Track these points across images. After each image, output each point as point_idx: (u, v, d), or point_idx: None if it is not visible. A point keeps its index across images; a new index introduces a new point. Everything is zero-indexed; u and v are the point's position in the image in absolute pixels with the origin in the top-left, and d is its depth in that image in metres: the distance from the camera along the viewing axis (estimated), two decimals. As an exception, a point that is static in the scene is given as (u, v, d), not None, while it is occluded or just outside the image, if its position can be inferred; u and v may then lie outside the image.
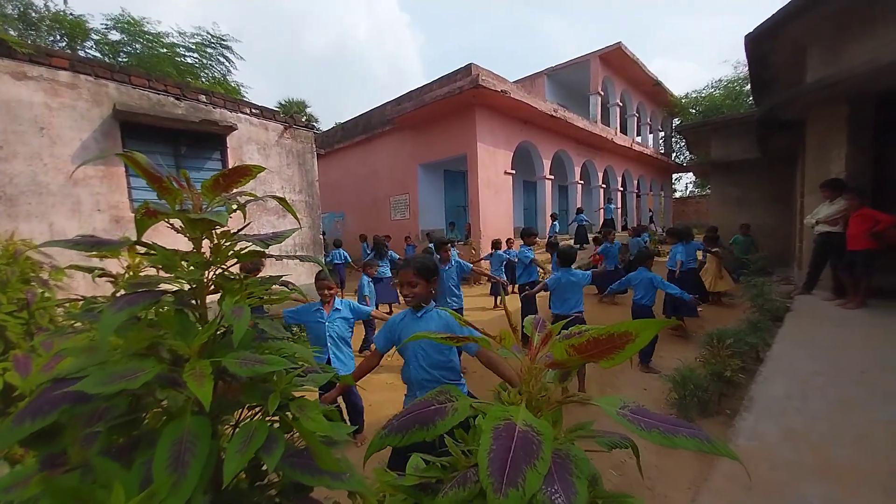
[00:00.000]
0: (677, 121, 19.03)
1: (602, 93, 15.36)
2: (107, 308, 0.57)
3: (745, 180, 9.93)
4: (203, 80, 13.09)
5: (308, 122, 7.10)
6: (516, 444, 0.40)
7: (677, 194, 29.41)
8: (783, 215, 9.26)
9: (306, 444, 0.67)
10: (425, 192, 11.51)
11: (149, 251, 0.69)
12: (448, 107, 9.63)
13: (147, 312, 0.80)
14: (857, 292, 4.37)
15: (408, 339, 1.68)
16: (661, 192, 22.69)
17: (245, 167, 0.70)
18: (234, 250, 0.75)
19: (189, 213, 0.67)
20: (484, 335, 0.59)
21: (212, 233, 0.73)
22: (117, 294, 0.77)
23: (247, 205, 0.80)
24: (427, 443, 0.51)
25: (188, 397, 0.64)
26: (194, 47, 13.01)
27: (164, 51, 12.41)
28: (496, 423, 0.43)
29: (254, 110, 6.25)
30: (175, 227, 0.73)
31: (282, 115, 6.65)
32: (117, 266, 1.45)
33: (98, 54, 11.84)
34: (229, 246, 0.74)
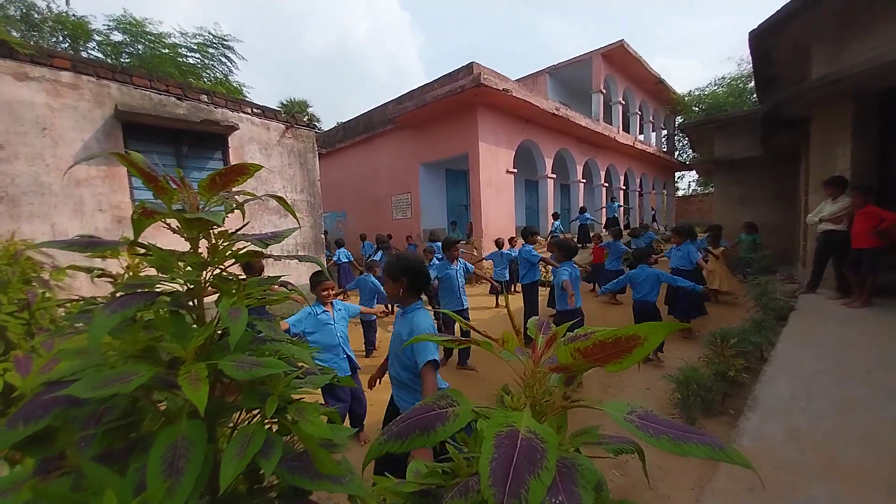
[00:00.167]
0: (680, 119, 18.94)
1: (604, 91, 15.29)
2: (100, 310, 0.55)
3: (748, 178, 9.88)
4: (205, 80, 13.12)
5: (309, 122, 7.09)
6: (519, 453, 0.38)
7: (680, 193, 29.32)
8: (786, 213, 9.21)
9: (306, 447, 0.66)
10: (427, 191, 11.49)
11: (145, 252, 0.68)
12: (449, 106, 9.60)
13: (145, 314, 0.79)
14: (863, 291, 4.33)
15: (410, 341, 1.70)
16: (664, 191, 22.59)
17: (243, 166, 0.69)
18: (231, 250, 0.74)
19: (185, 213, 0.65)
20: (486, 337, 0.57)
21: (209, 233, 0.72)
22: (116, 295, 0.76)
23: (245, 204, 0.79)
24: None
25: (185, 400, 0.63)
26: (196, 48, 13.03)
27: (166, 51, 12.44)
28: (499, 429, 0.41)
29: (255, 110, 6.25)
30: (172, 228, 0.71)
31: (283, 114, 6.64)
32: (118, 266, 1.44)
33: (100, 55, 11.88)
34: (227, 246, 0.73)
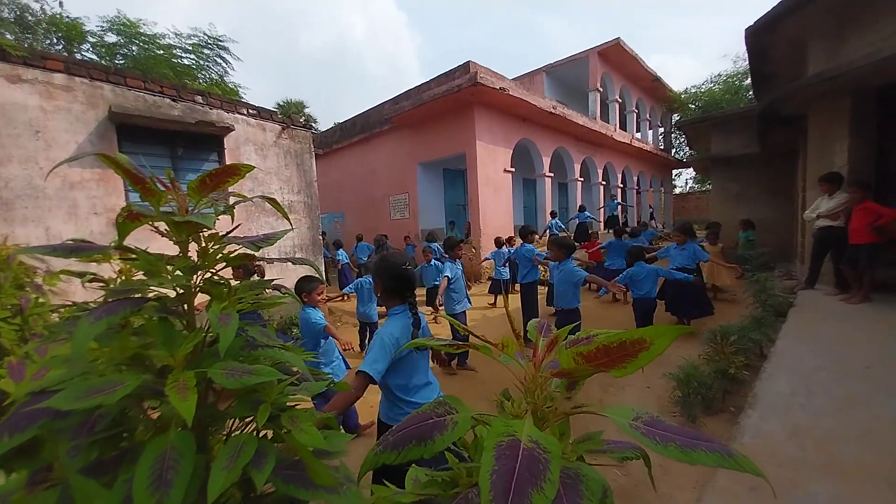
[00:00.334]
0: (677, 116, 18.96)
1: (601, 89, 15.29)
2: (84, 317, 0.53)
3: (745, 175, 9.89)
4: (200, 81, 13.07)
5: (306, 123, 7.06)
6: (521, 464, 0.36)
7: (677, 190, 29.37)
8: (784, 210, 9.23)
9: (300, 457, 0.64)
10: (425, 191, 11.47)
11: (132, 256, 0.66)
12: (446, 105, 9.58)
13: (136, 319, 0.77)
14: (861, 287, 4.34)
15: (408, 345, 1.68)
16: (661, 189, 22.63)
17: (234, 167, 0.67)
18: (222, 253, 0.72)
19: (173, 216, 0.63)
20: (485, 342, 0.56)
21: (199, 235, 0.70)
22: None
23: (235, 206, 0.77)
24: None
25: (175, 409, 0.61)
26: (191, 48, 12.98)
27: (161, 52, 12.39)
28: (499, 439, 0.39)
29: (251, 111, 6.21)
30: (160, 231, 0.69)
31: (280, 115, 6.60)
32: (111, 271, 1.42)
33: (94, 57, 11.82)
34: (218, 249, 0.71)
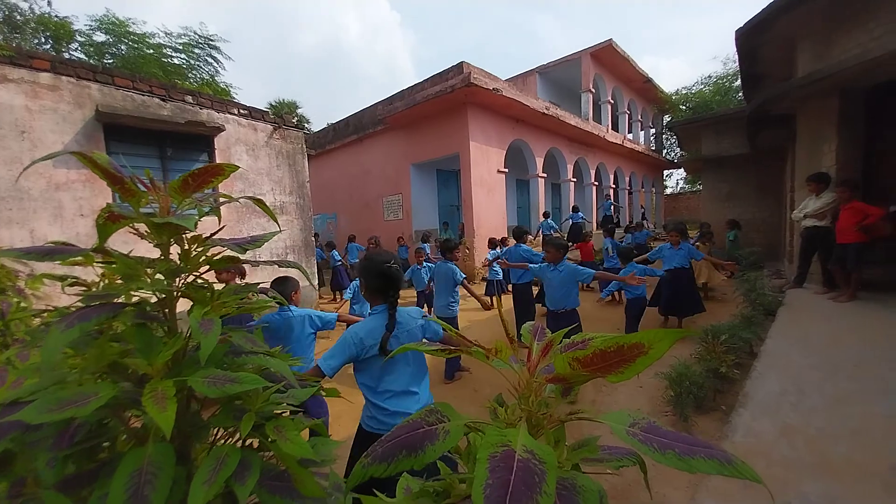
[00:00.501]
0: (668, 117, 19.15)
1: (593, 90, 15.39)
2: (54, 325, 0.51)
3: (735, 176, 10.02)
4: (191, 81, 12.93)
5: (299, 123, 7.01)
6: (516, 477, 0.35)
7: (668, 191, 29.65)
8: (773, 209, 9.36)
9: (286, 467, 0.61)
10: (418, 191, 11.44)
11: (109, 259, 0.63)
12: (440, 106, 9.57)
13: (117, 325, 0.75)
14: (848, 285, 4.39)
15: (400, 350, 1.66)
16: (653, 189, 22.84)
17: (217, 166, 0.64)
18: (206, 256, 0.69)
19: (153, 217, 0.61)
20: (478, 347, 0.54)
21: (182, 238, 0.67)
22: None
23: (221, 207, 0.75)
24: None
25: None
26: (181, 48, 12.85)
27: (151, 52, 12.24)
28: (493, 450, 0.38)
29: (242, 111, 6.14)
30: (140, 233, 0.67)
31: (271, 115, 6.55)
32: (94, 274, 1.37)
33: (83, 56, 11.65)
34: (201, 252, 0.68)
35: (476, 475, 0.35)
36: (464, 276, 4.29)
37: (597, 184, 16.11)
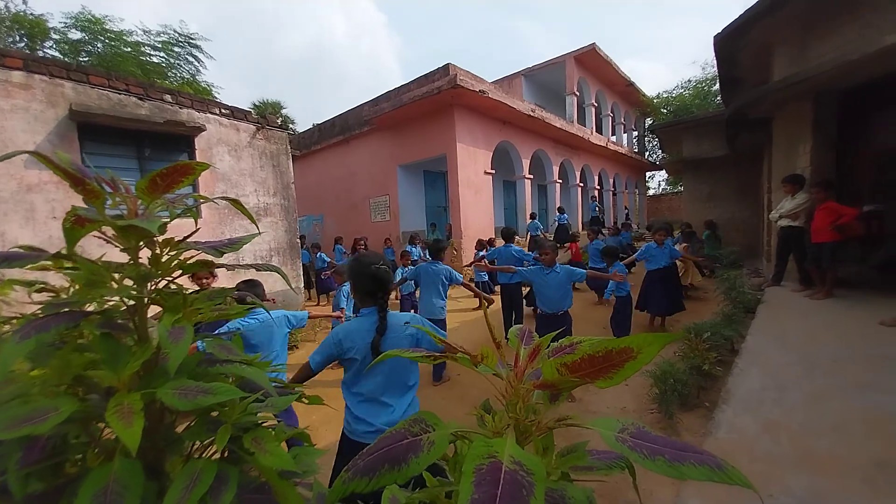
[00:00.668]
0: (650, 120, 19.52)
1: (577, 93, 15.60)
2: (10, 336, 0.47)
3: (715, 177, 10.25)
4: (171, 80, 12.64)
5: (283, 124, 6.90)
6: (503, 491, 0.33)
7: (650, 192, 30.19)
8: (751, 209, 9.61)
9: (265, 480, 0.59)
10: (405, 193, 11.39)
11: (70, 264, 0.59)
12: (426, 107, 9.55)
13: (80, 335, 0.70)
14: (824, 283, 4.52)
15: (381, 357, 1.64)
16: (636, 190, 23.25)
17: (187, 165, 0.61)
18: (179, 260, 0.66)
19: (118, 220, 0.57)
20: (464, 353, 0.52)
21: (153, 241, 0.64)
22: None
23: (197, 208, 0.72)
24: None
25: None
26: (161, 46, 12.56)
27: (129, 50, 11.94)
28: (479, 462, 0.36)
29: (224, 110, 6.01)
30: (105, 237, 0.63)
31: (254, 115, 6.43)
32: (64, 280, 1.31)
33: (58, 54, 11.28)
34: (174, 256, 0.65)
35: (461, 489, 0.33)
36: (461, 276, 4.31)
37: (582, 185, 16.32)
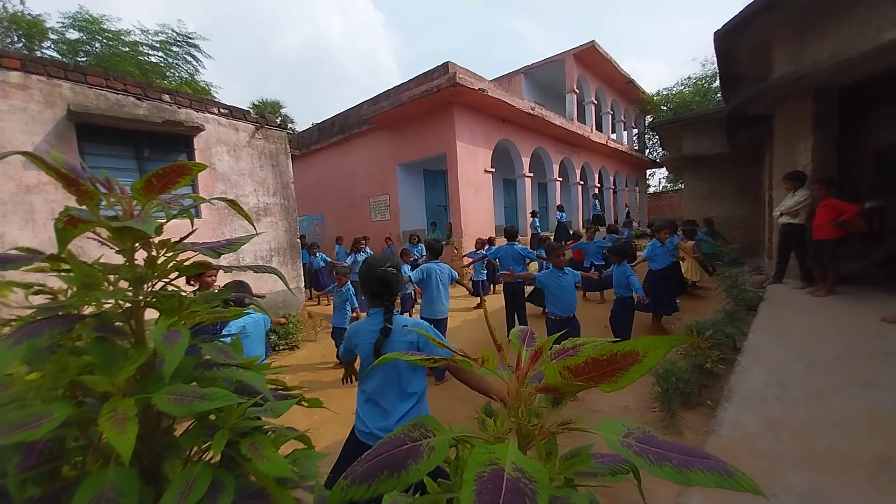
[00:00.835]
0: (649, 118, 19.47)
1: (577, 91, 15.56)
2: (2, 340, 0.46)
3: (715, 174, 10.23)
4: (169, 80, 12.62)
5: (282, 123, 6.87)
6: (505, 499, 0.31)
7: (651, 190, 30.14)
8: (753, 207, 9.59)
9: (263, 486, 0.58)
10: (405, 192, 11.37)
11: (63, 267, 0.58)
12: (426, 105, 9.53)
13: (77, 338, 0.69)
14: (826, 280, 4.51)
15: (383, 359, 1.65)
16: (636, 188, 23.21)
17: (183, 165, 0.60)
18: (175, 262, 0.65)
19: (112, 222, 0.56)
20: (464, 357, 0.51)
21: (148, 243, 0.63)
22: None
23: (194, 208, 0.71)
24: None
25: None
26: (159, 46, 12.54)
27: (126, 49, 11.92)
28: (480, 469, 0.35)
29: (222, 110, 6.00)
30: (100, 238, 0.62)
31: (253, 115, 6.41)
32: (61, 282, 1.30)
33: (56, 54, 11.27)
34: (170, 257, 0.64)
35: (462, 498, 0.32)
36: (457, 274, 4.33)
37: (582, 183, 16.30)
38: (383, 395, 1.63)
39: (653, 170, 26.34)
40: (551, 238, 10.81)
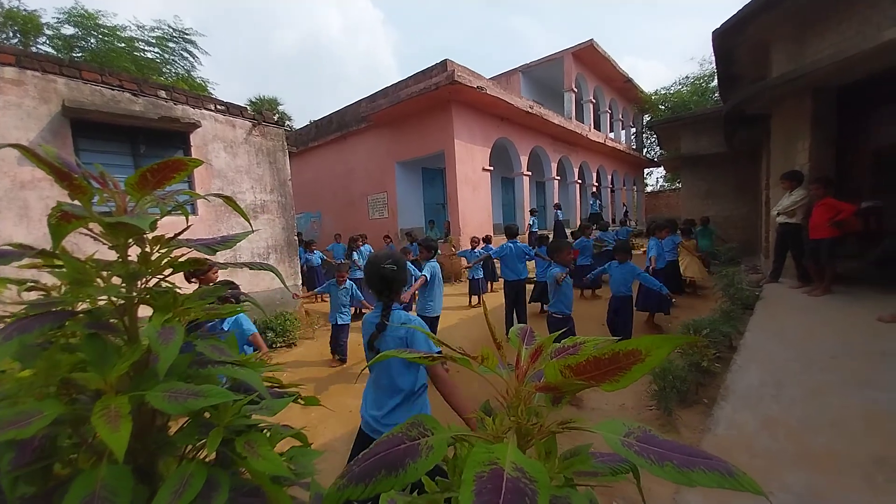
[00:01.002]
0: (648, 117, 19.50)
1: (576, 89, 15.54)
2: (-8, 337, 0.45)
3: (713, 174, 10.26)
4: (166, 76, 12.54)
5: (280, 120, 6.84)
6: (505, 500, 0.31)
7: (648, 189, 30.19)
8: (750, 207, 9.62)
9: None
10: (403, 190, 11.34)
11: (56, 263, 0.57)
12: (424, 103, 9.50)
13: (71, 334, 0.68)
14: (822, 280, 4.52)
15: (382, 356, 1.66)
16: (634, 187, 23.24)
17: (179, 161, 0.59)
18: (169, 258, 0.64)
19: (105, 217, 0.55)
20: (462, 354, 0.51)
21: (142, 239, 0.62)
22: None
23: (189, 204, 0.70)
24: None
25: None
26: (155, 42, 12.46)
27: (122, 45, 11.84)
28: (479, 469, 0.34)
29: (219, 107, 5.96)
30: (93, 234, 0.61)
31: (250, 111, 6.37)
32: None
33: (51, 50, 11.19)
34: (164, 254, 0.63)
35: (462, 498, 0.31)
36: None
37: (580, 182, 16.30)
38: (378, 387, 1.71)
39: (650, 169, 26.39)
40: (549, 236, 10.80)
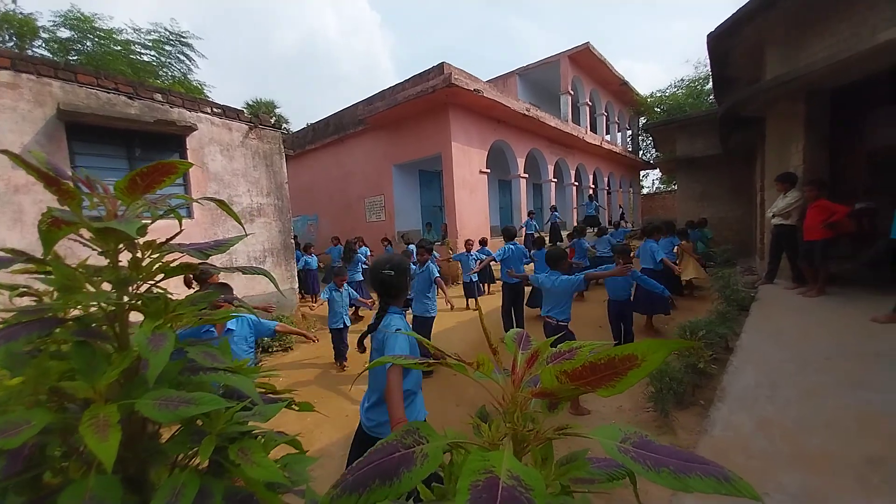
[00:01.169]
0: (643, 119, 19.62)
1: (572, 92, 15.62)
2: (-24, 345, 0.44)
3: (708, 176, 10.32)
4: (162, 79, 12.51)
5: (276, 123, 6.83)
6: None
7: (644, 191, 30.34)
8: (745, 208, 9.68)
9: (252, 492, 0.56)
10: (400, 192, 11.34)
11: (46, 269, 0.56)
12: (421, 106, 9.51)
13: (57, 342, 0.67)
14: (816, 281, 4.55)
15: (377, 362, 1.67)
16: (630, 189, 23.35)
17: (169, 164, 0.58)
18: (161, 263, 0.63)
19: (94, 222, 0.55)
20: (457, 360, 0.50)
21: (133, 244, 0.61)
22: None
23: (184, 208, 0.69)
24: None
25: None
26: (151, 45, 12.43)
27: (118, 48, 11.81)
28: (475, 478, 0.34)
29: (216, 109, 5.94)
30: (82, 239, 0.60)
31: (247, 114, 6.36)
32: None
33: (47, 53, 11.14)
34: (155, 259, 0.62)
35: (456, 508, 0.31)
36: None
37: (577, 184, 16.37)
38: (368, 382, 1.80)
39: (646, 171, 26.53)
40: (546, 238, 10.81)
